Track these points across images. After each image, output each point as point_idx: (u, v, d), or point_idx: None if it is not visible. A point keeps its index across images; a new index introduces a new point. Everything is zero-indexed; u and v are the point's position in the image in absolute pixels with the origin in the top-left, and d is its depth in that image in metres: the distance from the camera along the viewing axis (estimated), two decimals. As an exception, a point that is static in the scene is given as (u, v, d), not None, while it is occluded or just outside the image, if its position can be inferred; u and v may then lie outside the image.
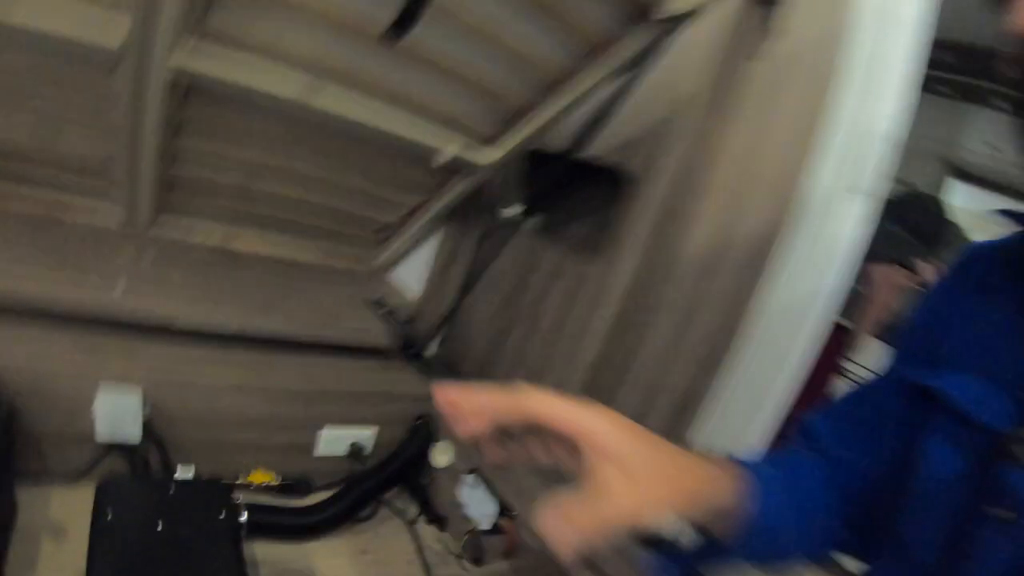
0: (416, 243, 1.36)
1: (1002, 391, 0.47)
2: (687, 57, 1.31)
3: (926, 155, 4.10)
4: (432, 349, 1.45)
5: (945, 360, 0.54)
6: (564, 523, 0.34)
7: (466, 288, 1.42)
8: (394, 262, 1.38)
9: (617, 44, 1.00)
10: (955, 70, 2.98)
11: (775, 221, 1.24)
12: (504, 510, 0.89)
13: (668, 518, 0.40)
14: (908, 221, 2.39)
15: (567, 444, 0.38)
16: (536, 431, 0.39)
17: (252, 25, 0.79)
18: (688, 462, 0.45)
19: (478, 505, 0.93)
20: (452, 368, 1.45)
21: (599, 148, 1.34)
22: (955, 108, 3.79)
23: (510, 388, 0.39)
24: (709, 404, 1.21)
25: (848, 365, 2.17)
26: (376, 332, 1.15)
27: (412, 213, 1.27)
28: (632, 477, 0.38)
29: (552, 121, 1.07)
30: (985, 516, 0.46)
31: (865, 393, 0.61)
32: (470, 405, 0.39)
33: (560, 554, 0.35)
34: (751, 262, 1.24)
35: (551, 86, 1.03)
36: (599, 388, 1.26)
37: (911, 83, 1.29)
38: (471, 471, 0.94)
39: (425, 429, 1.07)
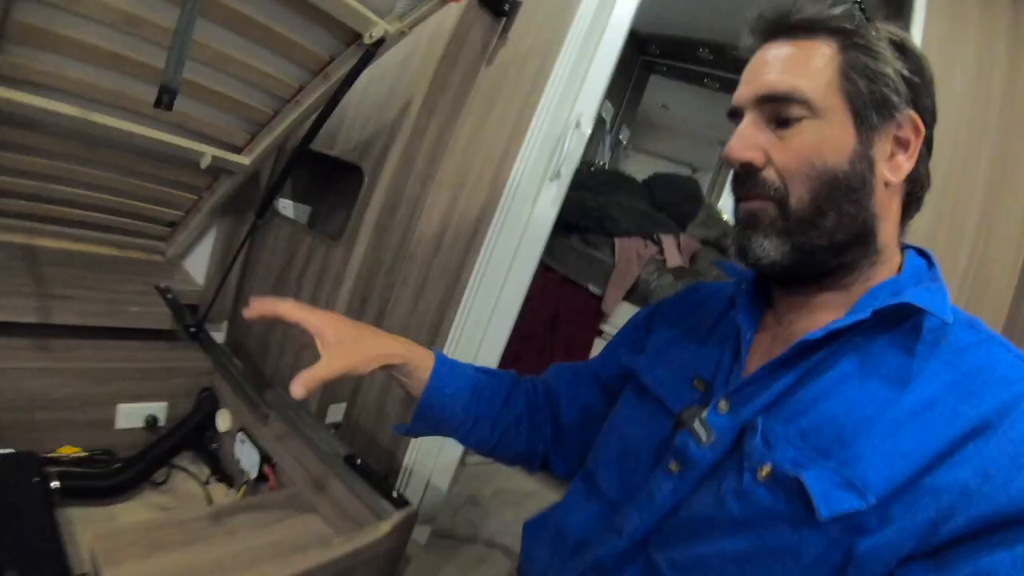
0: (199, 235, 1.58)
1: (681, 381, 0.68)
2: (406, 67, 1.56)
3: (709, 140, 4.70)
4: (221, 331, 1.67)
5: (649, 352, 0.77)
6: (299, 381, 0.64)
7: (243, 273, 1.66)
8: (183, 253, 1.59)
9: (337, 62, 1.25)
10: (715, 66, 3.50)
11: (487, 204, 1.53)
12: (265, 458, 1.12)
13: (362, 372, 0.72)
14: (659, 200, 2.80)
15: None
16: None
17: (38, 60, 0.98)
18: (385, 339, 0.77)
19: (248, 458, 1.14)
20: (237, 346, 1.66)
21: (340, 148, 1.60)
22: (724, 98, 4.43)
23: (279, 302, 0.72)
24: (448, 346, 1.60)
25: (603, 327, 2.51)
26: (162, 316, 1.34)
27: (191, 209, 1.49)
28: (335, 350, 0.70)
29: (291, 128, 1.34)
30: (660, 467, 0.64)
31: (594, 359, 0.88)
32: (267, 308, 0.72)
33: (296, 396, 0.63)
34: (468, 240, 1.54)
35: (288, 100, 1.30)
36: None
37: (604, 86, 1.56)
38: (240, 429, 1.17)
39: (210, 399, 1.27)
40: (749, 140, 0.59)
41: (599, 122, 3.18)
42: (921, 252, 0.63)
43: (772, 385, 0.58)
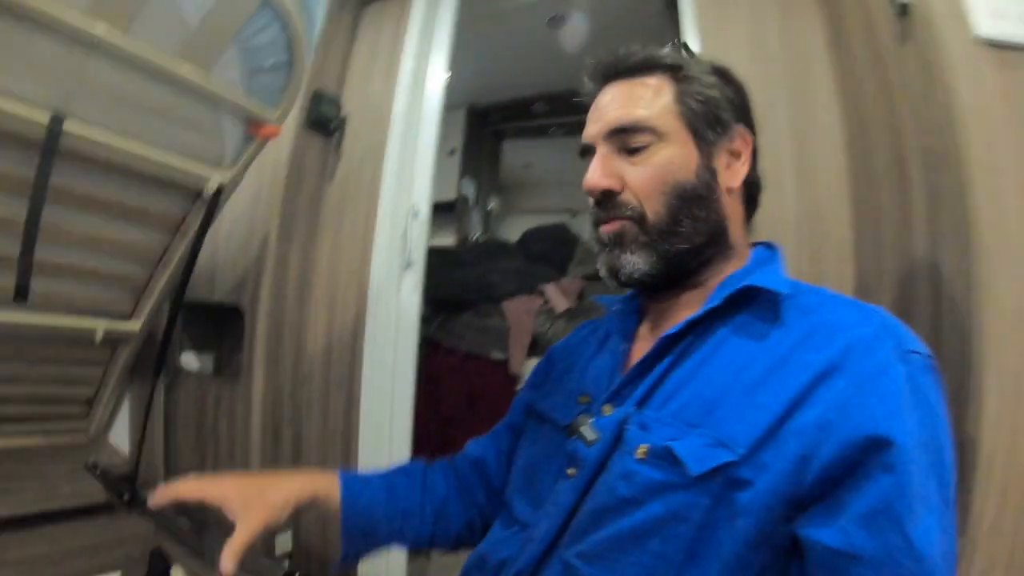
0: (115, 406, 1.74)
1: (570, 400, 0.80)
2: (257, 202, 1.76)
3: (577, 183, 5.06)
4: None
5: (548, 385, 0.91)
6: (226, 558, 0.70)
7: (166, 432, 1.85)
8: (105, 426, 1.74)
9: (191, 217, 1.46)
10: (553, 115, 3.87)
11: (359, 309, 1.73)
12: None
13: (277, 526, 0.77)
14: (534, 253, 3.08)
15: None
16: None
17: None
18: (288, 482, 0.84)
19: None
20: (179, 506, 1.76)
21: (219, 293, 1.77)
22: (573, 141, 4.88)
23: (178, 483, 0.80)
24: (361, 451, 1.76)
25: (518, 388, 2.68)
26: (97, 490, 1.46)
27: (101, 383, 1.66)
28: (245, 513, 0.75)
29: (169, 286, 1.53)
30: (560, 476, 0.73)
31: (508, 414, 0.99)
32: (168, 494, 0.79)
33: (228, 572, 0.69)
34: (351, 346, 1.72)
35: (157, 262, 1.50)
36: None
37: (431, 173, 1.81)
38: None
39: (161, 559, 1.42)
40: (604, 169, 0.73)
41: (463, 201, 3.49)
42: (767, 245, 0.79)
43: (643, 380, 0.70)
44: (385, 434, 1.78)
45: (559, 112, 3.81)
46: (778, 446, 0.57)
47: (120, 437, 1.75)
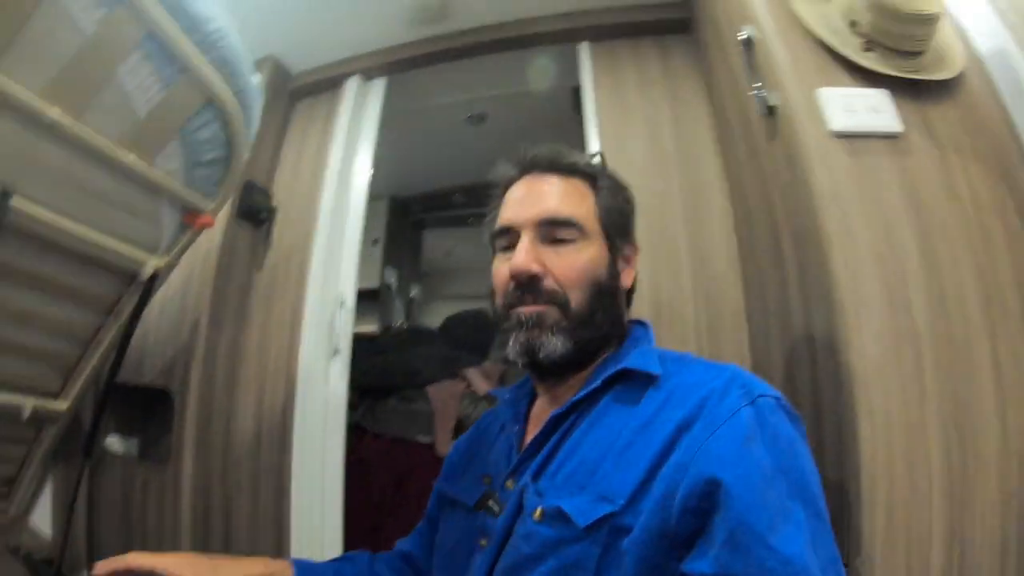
0: (38, 487, 1.69)
1: (474, 482, 0.87)
2: (189, 287, 1.78)
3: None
4: None
5: (456, 474, 0.96)
6: None
7: (89, 515, 1.80)
8: (26, 509, 1.68)
9: (124, 300, 1.49)
10: (470, 205, 4.06)
11: (287, 395, 1.75)
12: None
13: None
14: (456, 338, 3.16)
15: None
16: None
17: None
18: (242, 563, 0.86)
19: None
20: None
21: (148, 375, 1.75)
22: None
23: (127, 554, 0.78)
24: (293, 536, 1.74)
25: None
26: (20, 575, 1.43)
27: (24, 462, 1.61)
28: None
29: (99, 366, 1.53)
30: (476, 547, 0.80)
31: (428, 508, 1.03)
32: (117, 564, 0.76)
33: None
34: (281, 432, 1.73)
35: (89, 341, 1.50)
36: None
37: (356, 265, 1.92)
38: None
39: None
40: (532, 255, 0.79)
41: (387, 289, 3.56)
42: (640, 323, 0.90)
43: (537, 454, 0.78)
44: (317, 519, 1.77)
45: (478, 203, 3.97)
46: (650, 492, 0.65)
47: (42, 519, 1.68)
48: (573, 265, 0.80)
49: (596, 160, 0.91)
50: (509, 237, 0.83)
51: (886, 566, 0.86)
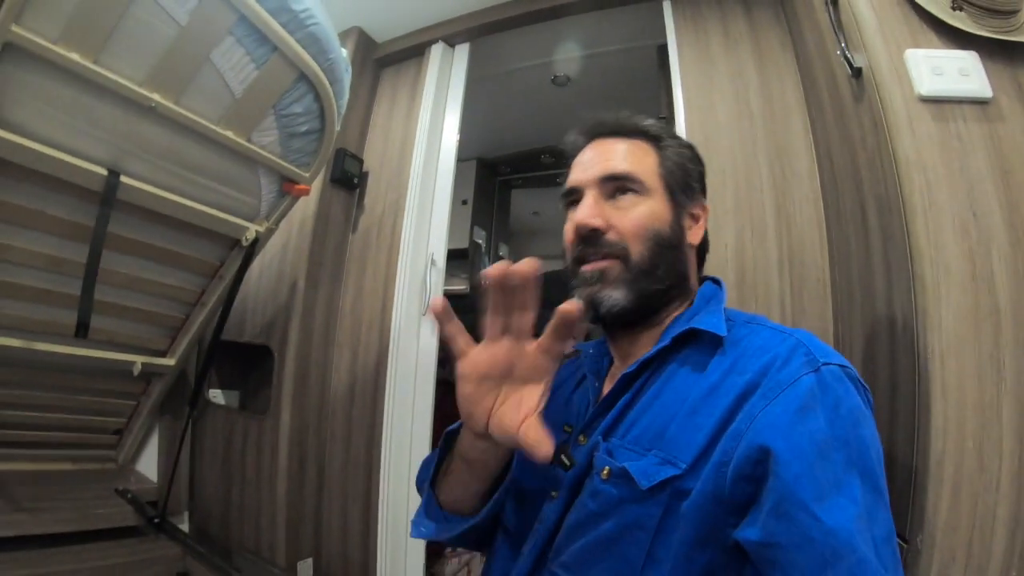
0: (144, 436, 1.89)
1: (555, 429, 0.75)
2: (286, 251, 1.90)
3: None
4: (184, 521, 1.95)
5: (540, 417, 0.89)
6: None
7: (192, 462, 1.98)
8: (133, 456, 1.88)
9: (227, 264, 1.64)
10: (559, 166, 4.05)
11: (381, 351, 1.86)
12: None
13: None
14: (543, 297, 3.21)
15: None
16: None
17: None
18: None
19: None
20: (200, 530, 1.95)
21: (249, 334, 1.91)
22: None
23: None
24: (381, 484, 1.86)
25: None
26: (127, 514, 1.62)
27: (132, 414, 1.81)
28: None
29: (203, 326, 1.70)
30: (547, 497, 0.82)
31: None
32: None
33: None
34: (374, 385, 1.85)
35: (194, 303, 1.67)
36: (301, 508, 1.87)
37: (447, 224, 1.99)
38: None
39: None
40: (595, 209, 0.81)
41: (476, 248, 3.63)
42: (715, 280, 0.90)
43: (608, 413, 0.79)
44: (404, 468, 1.90)
45: (564, 163, 3.98)
46: (710, 457, 0.66)
47: (147, 466, 1.89)
48: (632, 217, 0.81)
49: (658, 122, 0.91)
50: (574, 196, 0.86)
51: (946, 546, 0.84)
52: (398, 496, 1.85)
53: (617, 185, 0.83)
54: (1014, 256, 0.91)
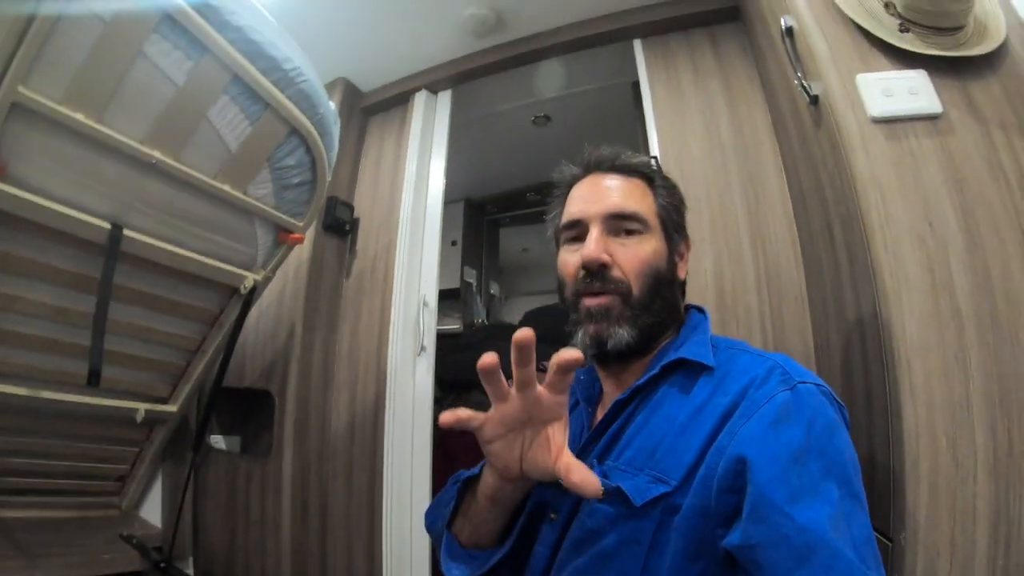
0: (148, 483, 1.91)
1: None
2: (283, 297, 1.95)
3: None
4: (189, 565, 1.96)
5: None
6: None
7: (196, 507, 1.99)
8: (136, 502, 1.90)
9: (226, 312, 1.68)
10: (544, 203, 4.13)
11: (378, 391, 1.89)
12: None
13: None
14: (537, 332, 3.24)
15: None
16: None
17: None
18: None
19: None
20: (207, 575, 1.96)
21: (250, 379, 1.94)
22: None
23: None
24: (384, 522, 1.88)
25: None
26: (132, 558, 1.63)
27: (135, 461, 1.84)
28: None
29: (204, 373, 1.74)
30: (547, 519, 0.85)
31: None
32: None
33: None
34: (373, 425, 1.88)
35: (195, 351, 1.71)
36: (306, 548, 1.89)
37: (437, 266, 2.04)
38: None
39: None
40: (602, 245, 0.85)
41: (467, 287, 3.69)
42: (698, 309, 0.95)
43: (602, 438, 0.84)
44: (406, 504, 1.92)
45: (554, 193, 4.06)
46: (698, 473, 0.70)
47: (150, 512, 1.90)
48: (638, 256, 0.85)
49: (652, 162, 0.97)
50: (578, 229, 0.89)
51: (929, 542, 0.88)
52: (401, 532, 1.86)
53: (622, 223, 0.87)
54: (971, 260, 0.97)
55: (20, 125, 1.13)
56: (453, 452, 2.83)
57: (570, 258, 0.89)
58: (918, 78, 1.09)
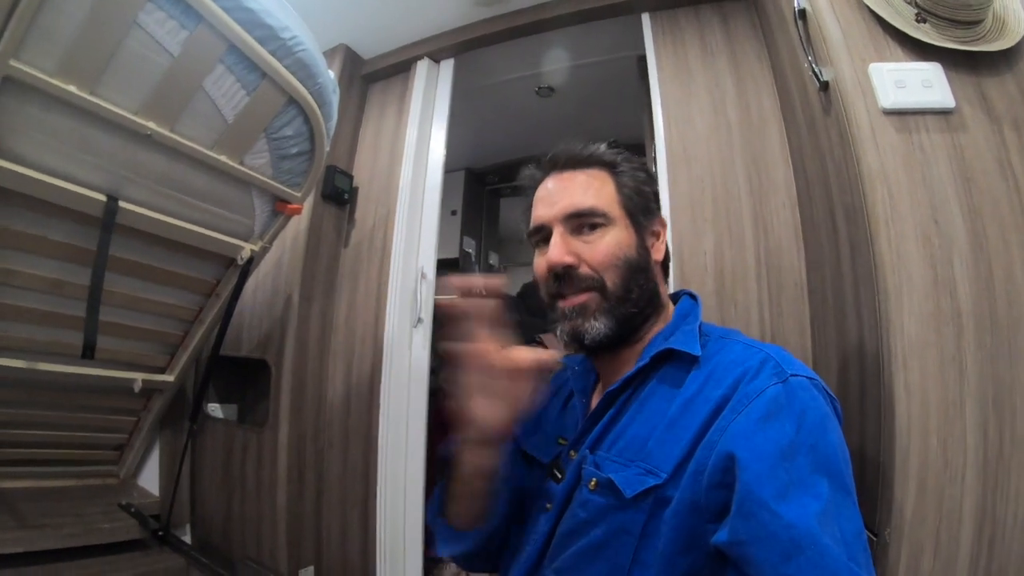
0: (145, 452, 1.92)
1: (550, 441, 0.94)
2: (280, 267, 1.94)
3: None
4: (186, 533, 1.98)
5: (530, 430, 0.99)
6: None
7: (193, 475, 2.01)
8: (134, 471, 1.92)
9: (223, 282, 1.67)
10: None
11: (375, 362, 1.89)
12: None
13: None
14: (532, 306, 3.24)
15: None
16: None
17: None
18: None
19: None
20: (203, 541, 1.99)
21: (247, 348, 1.94)
22: None
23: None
24: (379, 490, 1.91)
25: None
26: (131, 527, 1.65)
27: (133, 430, 1.85)
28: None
29: (201, 343, 1.74)
30: (542, 508, 0.88)
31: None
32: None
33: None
34: (368, 395, 1.88)
35: (192, 320, 1.71)
36: (301, 516, 1.90)
37: (436, 238, 2.02)
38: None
39: None
40: (564, 247, 0.85)
41: (466, 257, 3.68)
42: (689, 295, 0.95)
43: (594, 428, 0.85)
44: (400, 473, 1.94)
45: (525, 196, 4.04)
46: (688, 467, 0.71)
47: (148, 480, 1.92)
48: (603, 250, 0.85)
49: (609, 148, 0.94)
50: (542, 234, 0.90)
51: (914, 538, 0.89)
52: (395, 501, 1.88)
53: (582, 220, 0.87)
54: (975, 261, 0.96)
55: (13, 99, 1.11)
56: (447, 421, 2.86)
57: (540, 261, 0.89)
58: (932, 71, 1.07)
